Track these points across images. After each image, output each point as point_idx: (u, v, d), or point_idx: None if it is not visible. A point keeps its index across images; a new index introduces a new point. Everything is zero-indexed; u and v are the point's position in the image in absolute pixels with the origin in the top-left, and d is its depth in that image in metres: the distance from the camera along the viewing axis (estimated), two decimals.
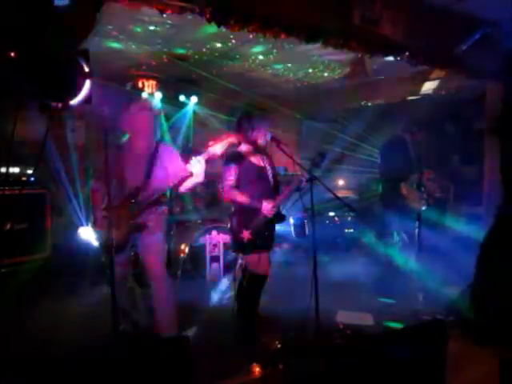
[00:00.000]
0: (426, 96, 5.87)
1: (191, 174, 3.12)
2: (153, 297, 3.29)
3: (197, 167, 3.08)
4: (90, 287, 4.64)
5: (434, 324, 2.94)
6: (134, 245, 3.32)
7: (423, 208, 4.58)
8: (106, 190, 2.85)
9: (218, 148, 3.13)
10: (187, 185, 3.26)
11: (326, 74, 6.09)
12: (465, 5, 3.85)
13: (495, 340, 2.01)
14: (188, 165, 3.10)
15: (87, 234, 5.19)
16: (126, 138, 3.56)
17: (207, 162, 3.13)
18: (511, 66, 4.28)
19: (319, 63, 5.56)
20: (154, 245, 3.27)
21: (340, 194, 4.56)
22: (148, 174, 3.24)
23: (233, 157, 3.60)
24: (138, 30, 4.42)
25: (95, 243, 4.81)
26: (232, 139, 3.24)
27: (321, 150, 3.63)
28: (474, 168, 5.27)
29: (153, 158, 3.28)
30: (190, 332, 3.62)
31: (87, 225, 5.45)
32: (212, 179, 6.18)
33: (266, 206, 3.51)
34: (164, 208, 3.35)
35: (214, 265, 5.27)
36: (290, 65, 5.74)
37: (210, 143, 3.13)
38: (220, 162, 3.77)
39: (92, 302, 4.23)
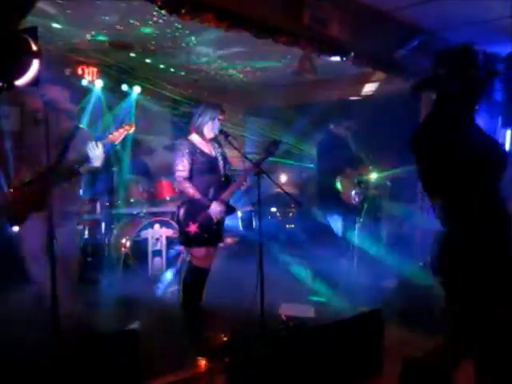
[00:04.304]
0: (367, 97, 6.12)
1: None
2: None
3: (94, 151, 3.23)
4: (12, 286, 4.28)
5: (372, 314, 3.10)
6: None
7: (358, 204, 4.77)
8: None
9: (116, 135, 3.32)
10: (83, 169, 3.34)
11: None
12: (406, 12, 4.07)
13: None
14: (87, 148, 3.24)
15: None
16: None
17: (104, 146, 3.30)
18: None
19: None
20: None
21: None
22: (61, 156, 3.28)
23: (184, 146, 3.54)
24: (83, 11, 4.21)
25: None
26: (129, 128, 3.35)
27: (275, 139, 3.67)
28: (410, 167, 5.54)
29: (68, 142, 3.33)
30: (134, 326, 3.53)
31: None
32: (154, 171, 6.08)
33: (215, 209, 3.49)
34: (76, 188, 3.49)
35: (157, 259, 5.17)
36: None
37: (111, 131, 3.37)
38: (166, 154, 3.68)
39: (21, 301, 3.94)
